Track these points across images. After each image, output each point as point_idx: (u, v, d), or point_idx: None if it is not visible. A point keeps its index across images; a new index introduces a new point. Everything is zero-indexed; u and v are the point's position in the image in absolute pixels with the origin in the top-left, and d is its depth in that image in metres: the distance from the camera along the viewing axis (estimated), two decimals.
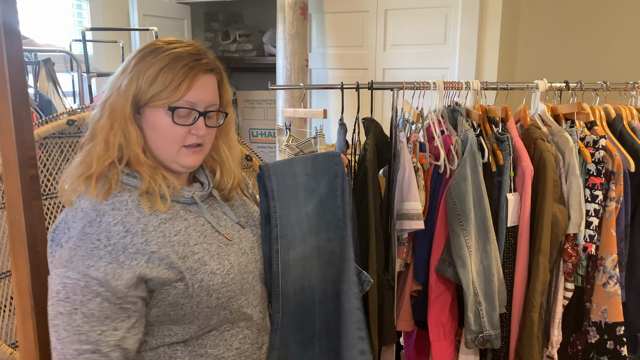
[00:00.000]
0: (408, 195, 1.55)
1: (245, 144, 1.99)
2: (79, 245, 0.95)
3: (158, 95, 1.01)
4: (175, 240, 1.01)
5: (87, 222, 0.97)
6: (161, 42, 1.06)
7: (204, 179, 1.15)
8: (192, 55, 1.04)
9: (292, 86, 3.11)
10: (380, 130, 1.68)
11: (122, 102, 1.02)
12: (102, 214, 0.98)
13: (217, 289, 1.03)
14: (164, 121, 1.03)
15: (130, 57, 1.05)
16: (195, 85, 1.03)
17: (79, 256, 0.95)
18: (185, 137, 1.05)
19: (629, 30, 3.56)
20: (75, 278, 0.94)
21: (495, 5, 2.95)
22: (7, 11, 1.05)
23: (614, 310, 1.60)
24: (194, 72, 1.03)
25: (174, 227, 1.03)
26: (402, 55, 3.19)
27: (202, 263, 1.02)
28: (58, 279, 0.95)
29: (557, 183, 1.55)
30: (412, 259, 1.66)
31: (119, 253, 0.96)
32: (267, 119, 4.03)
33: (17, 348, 1.41)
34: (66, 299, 0.94)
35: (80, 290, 0.94)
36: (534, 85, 1.71)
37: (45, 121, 1.56)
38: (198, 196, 1.09)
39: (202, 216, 1.09)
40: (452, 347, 1.62)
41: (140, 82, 1.01)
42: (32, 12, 2.89)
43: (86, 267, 0.94)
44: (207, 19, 4.25)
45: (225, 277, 1.04)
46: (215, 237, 1.08)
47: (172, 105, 1.02)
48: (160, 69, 1.01)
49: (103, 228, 0.97)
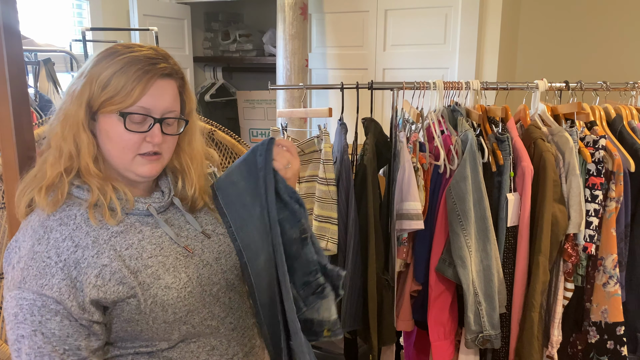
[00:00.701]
0: (408, 195, 1.55)
1: (245, 144, 1.99)
2: (30, 265, 0.92)
3: (110, 100, 0.96)
4: (127, 255, 0.97)
5: (36, 239, 0.94)
6: (120, 46, 1.01)
7: (165, 187, 1.09)
8: (149, 59, 0.98)
9: (292, 86, 3.11)
10: (380, 130, 1.68)
11: (75, 107, 0.97)
12: (49, 231, 0.95)
13: (172, 304, 0.98)
14: (117, 128, 0.97)
15: (88, 60, 1.01)
16: (150, 90, 0.97)
17: (32, 276, 0.92)
18: (139, 145, 0.99)
19: (629, 30, 3.56)
20: (31, 299, 0.91)
21: (495, 5, 2.95)
22: (7, 11, 1.05)
23: (614, 310, 1.60)
24: (148, 75, 0.96)
25: (126, 240, 0.98)
26: (402, 55, 3.19)
27: (156, 277, 0.98)
28: (14, 302, 0.92)
29: (557, 183, 1.54)
30: (412, 259, 1.66)
31: (70, 269, 0.93)
32: (267, 119, 4.03)
33: None
34: (24, 321, 0.91)
35: (38, 310, 0.91)
36: (534, 85, 1.70)
37: (45, 121, 1.56)
38: (155, 208, 1.04)
39: (159, 228, 1.04)
40: (452, 347, 1.62)
41: (93, 86, 0.96)
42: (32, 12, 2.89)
43: (39, 286, 0.91)
44: (207, 19, 4.25)
45: (182, 291, 1.00)
46: (173, 249, 1.03)
47: (124, 110, 0.96)
48: (114, 72, 0.96)
49: (52, 245, 0.94)
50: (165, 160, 1.05)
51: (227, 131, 1.98)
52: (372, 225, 1.55)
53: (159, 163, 1.03)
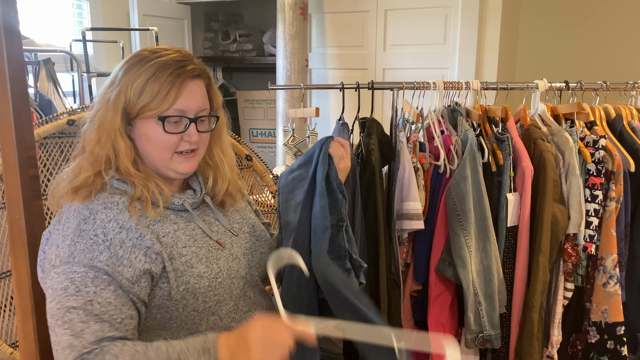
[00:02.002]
0: (408, 195, 1.55)
1: (245, 144, 1.99)
2: (77, 242, 0.96)
3: (147, 106, 1.01)
4: (164, 241, 1.02)
5: (82, 219, 0.98)
6: (147, 51, 1.06)
7: (197, 186, 1.15)
8: (177, 62, 1.04)
9: (292, 86, 3.11)
10: (382, 130, 1.68)
11: (111, 115, 1.02)
12: (95, 212, 0.99)
13: (203, 292, 1.03)
14: (156, 131, 1.03)
15: (117, 69, 1.06)
16: (184, 93, 1.03)
17: (80, 251, 0.95)
18: (177, 145, 1.06)
19: (629, 30, 3.56)
20: (82, 271, 0.94)
21: (495, 5, 2.95)
22: (7, 11, 1.05)
23: (614, 310, 1.60)
24: (180, 79, 1.02)
25: (163, 228, 1.03)
26: (402, 55, 3.19)
27: (189, 265, 1.02)
28: (63, 276, 0.94)
29: (557, 183, 1.54)
30: (412, 259, 1.66)
31: (117, 248, 0.96)
32: (267, 119, 4.03)
33: (17, 348, 1.41)
34: (77, 293, 0.93)
35: (91, 281, 0.94)
36: (534, 85, 1.70)
37: (45, 121, 1.56)
38: (189, 203, 1.10)
39: (193, 222, 1.09)
40: None
41: (128, 94, 1.02)
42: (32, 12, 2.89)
43: (89, 259, 0.94)
44: (207, 19, 4.25)
45: (213, 281, 1.04)
46: (206, 241, 1.08)
47: (162, 114, 1.02)
48: (147, 79, 1.01)
49: (98, 224, 0.98)
50: (201, 156, 1.12)
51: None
52: (381, 224, 1.55)
53: (195, 159, 1.10)
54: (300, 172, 1.22)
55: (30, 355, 1.17)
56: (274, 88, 1.89)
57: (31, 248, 1.11)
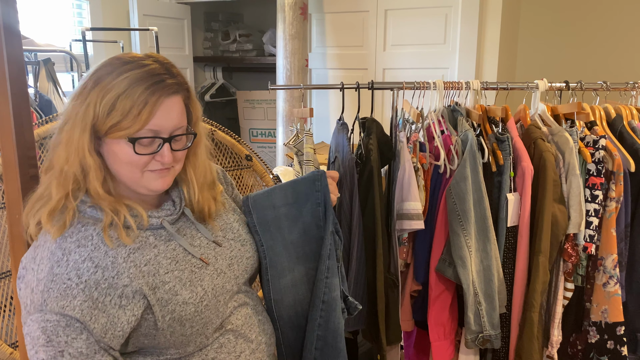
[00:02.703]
0: (408, 195, 1.55)
1: (245, 144, 1.99)
2: (51, 287, 0.91)
3: (117, 125, 0.91)
4: (146, 271, 0.96)
5: (55, 262, 0.92)
6: (119, 60, 0.95)
7: (177, 196, 1.07)
8: (153, 77, 0.93)
9: (292, 86, 3.12)
10: (382, 130, 1.68)
11: (78, 132, 0.92)
12: (67, 253, 0.93)
13: (190, 318, 0.99)
14: (125, 151, 0.94)
15: (87, 77, 0.95)
16: (158, 112, 0.93)
17: (53, 298, 0.90)
18: (148, 164, 0.97)
19: (629, 30, 3.56)
20: (54, 320, 0.89)
21: (495, 5, 2.95)
22: (7, 11, 1.05)
23: (614, 310, 1.60)
24: (155, 97, 0.92)
25: (144, 256, 0.97)
26: (402, 55, 3.19)
27: (174, 293, 0.97)
28: (35, 324, 0.89)
29: (557, 183, 1.54)
30: (412, 259, 1.66)
31: (92, 290, 0.91)
32: (267, 119, 4.03)
33: (17, 348, 1.41)
34: (49, 343, 0.88)
35: (63, 330, 0.89)
36: (534, 85, 1.70)
37: (45, 121, 1.56)
38: (167, 221, 1.03)
39: (173, 240, 1.03)
40: (452, 347, 1.62)
41: (97, 110, 0.91)
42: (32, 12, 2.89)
43: (61, 307, 0.89)
44: (207, 19, 4.25)
45: (199, 306, 1.00)
46: (188, 261, 1.02)
47: (133, 136, 0.92)
48: (118, 95, 0.91)
49: (71, 267, 0.92)
50: (177, 172, 1.03)
51: (227, 131, 1.98)
52: (379, 225, 1.55)
53: (170, 175, 1.01)
54: (290, 210, 1.17)
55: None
56: (274, 88, 1.89)
57: None
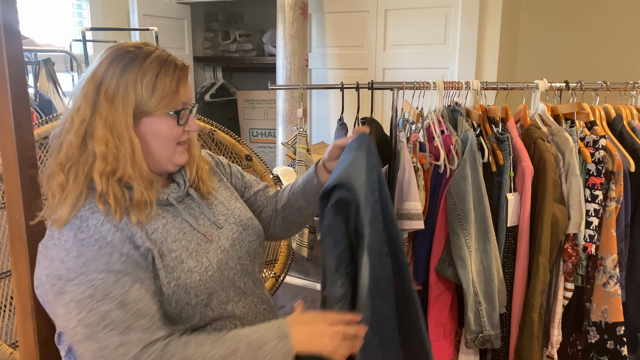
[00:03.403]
0: (408, 195, 1.55)
1: (245, 144, 1.99)
2: (83, 251, 0.95)
3: (161, 102, 1.03)
4: (154, 238, 1.02)
5: (76, 229, 0.97)
6: (124, 49, 1.04)
7: (180, 179, 1.15)
8: (169, 58, 1.06)
9: (292, 86, 3.12)
10: (381, 130, 1.68)
11: (121, 114, 1.00)
12: (85, 219, 0.98)
13: (195, 287, 1.03)
14: (167, 125, 1.05)
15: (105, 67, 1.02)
16: (186, 84, 1.07)
17: (91, 259, 0.94)
18: (180, 136, 1.08)
19: (629, 30, 3.56)
20: (101, 278, 0.93)
21: (495, 5, 2.95)
22: (7, 11, 1.05)
23: (614, 310, 1.60)
24: (182, 74, 1.06)
25: (152, 225, 1.03)
26: (402, 55, 3.19)
27: (180, 261, 1.02)
28: (83, 287, 0.92)
29: (557, 183, 1.54)
30: (412, 259, 1.66)
31: (120, 247, 0.97)
32: (267, 119, 4.03)
33: (17, 348, 1.41)
34: (106, 297, 0.92)
35: (113, 285, 0.93)
36: (534, 85, 1.70)
37: (45, 121, 1.56)
38: (174, 197, 1.09)
39: (179, 216, 1.09)
40: (452, 347, 1.62)
41: (139, 92, 1.01)
42: (32, 12, 2.89)
43: (104, 265, 0.94)
44: (207, 19, 4.25)
45: (204, 275, 1.04)
46: (194, 235, 1.08)
47: (177, 109, 1.05)
48: (156, 74, 1.02)
49: (93, 230, 0.97)
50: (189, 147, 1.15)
51: (227, 131, 1.98)
52: None
53: (188, 149, 1.13)
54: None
55: (30, 355, 1.17)
56: (274, 88, 1.89)
57: (31, 248, 1.11)
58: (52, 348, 1.14)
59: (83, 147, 1.01)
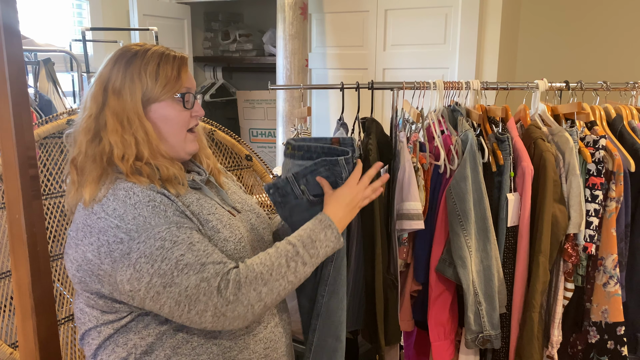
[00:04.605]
0: (408, 195, 1.54)
1: (245, 144, 1.99)
2: (140, 213, 1.00)
3: (165, 87, 1.09)
4: (191, 210, 1.08)
5: (124, 197, 1.02)
6: (127, 49, 1.13)
7: (197, 168, 1.22)
8: (168, 49, 1.15)
9: (292, 86, 3.12)
10: (381, 130, 1.68)
11: (130, 103, 1.07)
12: (129, 188, 1.03)
13: (230, 255, 1.08)
14: (174, 109, 1.11)
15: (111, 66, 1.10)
16: (187, 73, 1.14)
17: (152, 216, 1.00)
18: (189, 121, 1.14)
19: (629, 29, 3.56)
20: (165, 228, 0.99)
21: (495, 5, 2.95)
22: (7, 11, 1.05)
23: (614, 310, 1.60)
24: (182, 63, 1.13)
25: (187, 198, 1.09)
26: (402, 55, 3.19)
27: (216, 231, 1.08)
28: (150, 241, 0.98)
29: (557, 183, 1.54)
30: (412, 259, 1.66)
31: (170, 207, 1.03)
32: (267, 119, 4.03)
33: (17, 348, 1.41)
34: (175, 244, 0.98)
35: (178, 232, 1.00)
36: (534, 85, 1.70)
37: (45, 121, 1.56)
38: (199, 180, 1.16)
39: (207, 196, 1.15)
40: (452, 347, 1.62)
41: (144, 80, 1.08)
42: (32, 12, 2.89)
43: (164, 218, 1.00)
44: (207, 19, 4.25)
45: (237, 245, 1.11)
46: (223, 210, 1.15)
47: (181, 92, 1.11)
48: (158, 64, 1.09)
49: (141, 195, 1.03)
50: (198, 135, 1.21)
51: (227, 131, 1.98)
52: (378, 225, 1.54)
53: (197, 138, 1.19)
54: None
55: (30, 355, 1.17)
56: (274, 88, 1.89)
57: (31, 248, 1.11)
58: (52, 348, 1.14)
59: (97, 141, 1.07)
